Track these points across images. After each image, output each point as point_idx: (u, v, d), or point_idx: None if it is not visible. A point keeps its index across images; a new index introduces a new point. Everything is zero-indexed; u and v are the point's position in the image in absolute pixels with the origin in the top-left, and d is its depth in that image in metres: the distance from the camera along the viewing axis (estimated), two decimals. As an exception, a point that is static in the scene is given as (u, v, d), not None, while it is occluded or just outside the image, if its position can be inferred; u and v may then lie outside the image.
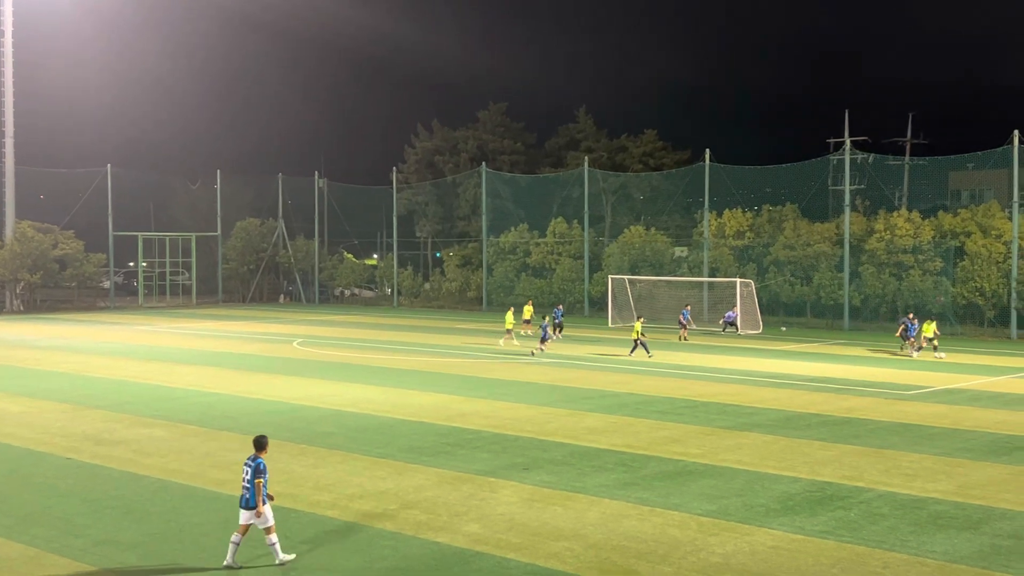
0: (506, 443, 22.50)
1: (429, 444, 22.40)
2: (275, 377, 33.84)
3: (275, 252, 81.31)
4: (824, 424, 25.11)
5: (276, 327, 55.45)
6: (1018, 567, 14.28)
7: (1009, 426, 24.92)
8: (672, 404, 28.19)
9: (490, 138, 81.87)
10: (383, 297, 78.81)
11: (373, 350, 42.75)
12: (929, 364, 38.22)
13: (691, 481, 19.08)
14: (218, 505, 17.37)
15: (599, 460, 20.80)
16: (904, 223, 53.73)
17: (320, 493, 18.12)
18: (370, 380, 32.99)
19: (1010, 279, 50.23)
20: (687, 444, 22.51)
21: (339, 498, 17.78)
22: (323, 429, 24.18)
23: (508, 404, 27.99)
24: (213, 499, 17.77)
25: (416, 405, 27.78)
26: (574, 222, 67.18)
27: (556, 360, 39.05)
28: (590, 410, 27.05)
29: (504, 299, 68.34)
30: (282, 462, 20.51)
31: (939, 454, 21.49)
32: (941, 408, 27.69)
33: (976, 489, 18.51)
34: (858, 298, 54.30)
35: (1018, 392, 31.05)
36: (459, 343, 46.00)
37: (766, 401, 28.77)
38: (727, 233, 59.72)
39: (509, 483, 18.77)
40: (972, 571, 14.12)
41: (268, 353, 41.68)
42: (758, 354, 41.80)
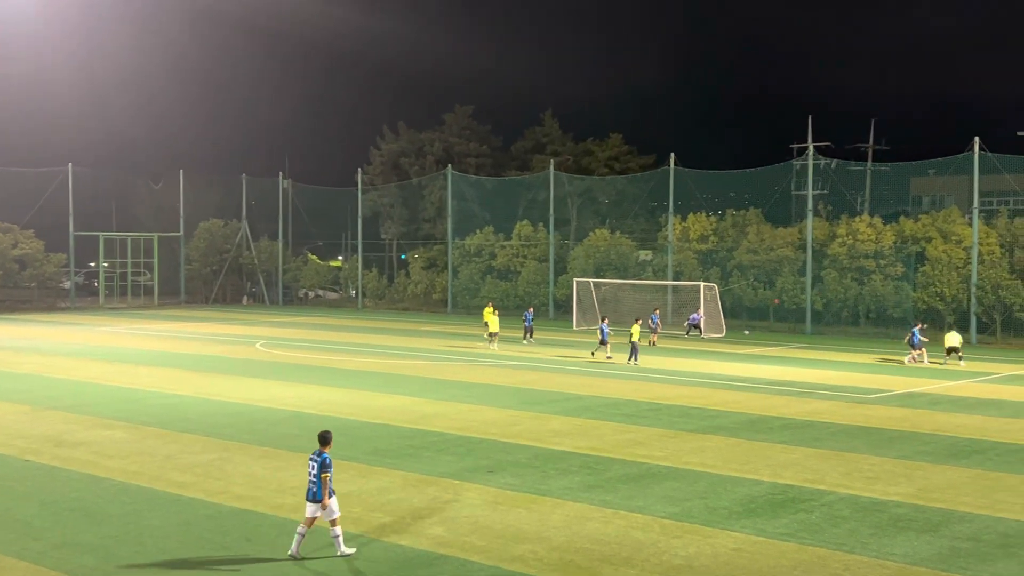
0: (471, 445, 22.47)
1: (393, 446, 22.33)
2: (238, 379, 33.61)
3: (238, 253, 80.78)
4: (786, 427, 25.29)
5: (239, 329, 55.08)
6: (977, 569, 14.46)
7: (968, 430, 25.20)
8: (636, 407, 28.27)
9: (456, 140, 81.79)
10: (347, 299, 78.51)
11: (337, 352, 42.58)
12: (890, 368, 38.59)
13: (654, 484, 19.14)
14: (179, 508, 17.22)
15: (563, 463, 20.83)
16: (866, 228, 54.23)
17: (283, 496, 18.02)
18: (334, 382, 32.85)
19: (970, 284, 50.81)
20: (651, 447, 22.58)
21: (302, 501, 17.59)
22: (286, 431, 24.04)
23: (473, 406, 27.96)
24: (174, 502, 17.62)
25: (380, 407, 27.69)
26: (539, 225, 67.25)
27: (521, 362, 39.06)
28: (555, 413, 27.07)
29: (469, 301, 68.36)
30: (244, 464, 20.38)
31: (899, 457, 21.70)
32: (901, 412, 27.96)
33: (936, 492, 18.71)
34: (820, 302, 54.74)
35: (977, 396, 31.43)
36: (424, 345, 45.90)
37: (729, 404, 28.92)
38: (691, 237, 60.02)
39: (473, 486, 18.76)
40: (932, 573, 14.27)
41: (231, 355, 41.39)
42: (721, 357, 42.02)
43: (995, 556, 15.05)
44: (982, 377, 36.41)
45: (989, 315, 50.90)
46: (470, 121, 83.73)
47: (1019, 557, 15.01)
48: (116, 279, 76.99)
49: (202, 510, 17.12)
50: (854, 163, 65.20)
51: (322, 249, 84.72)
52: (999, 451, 22.55)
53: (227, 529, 16.03)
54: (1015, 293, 49.71)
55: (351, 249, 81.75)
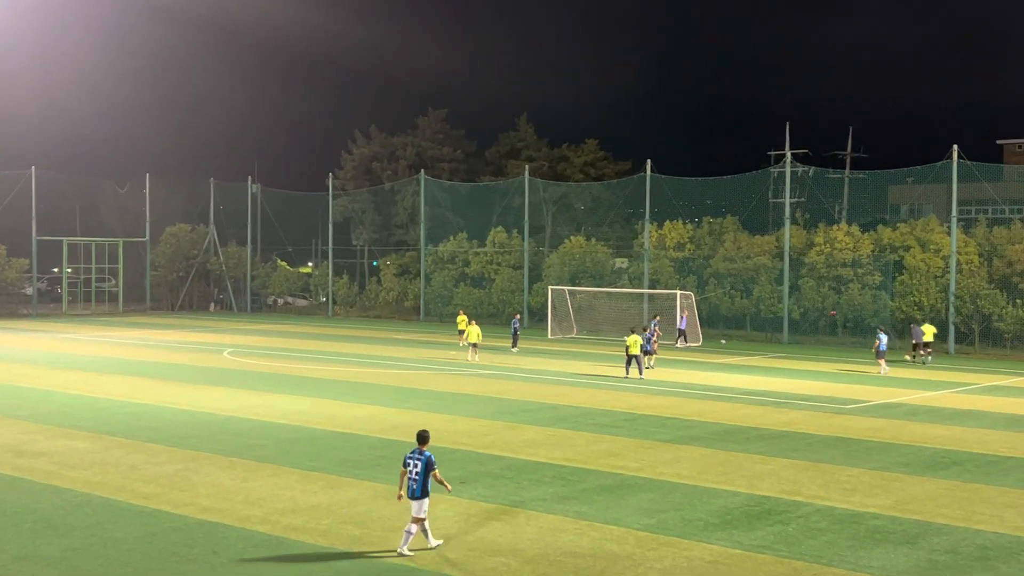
0: (443, 456, 22.37)
1: (363, 457, 22.26)
2: (204, 388, 33.42)
3: (206, 259, 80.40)
4: (762, 438, 25.38)
5: (206, 336, 54.78)
6: (954, 581, 14.55)
7: (946, 441, 25.38)
8: (611, 417, 28.31)
9: (429, 145, 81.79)
10: (317, 306, 78.26)
11: (306, 360, 42.41)
12: (868, 379, 38.81)
13: (630, 495, 19.16)
14: (144, 519, 17.08)
15: (537, 473, 20.83)
16: (844, 236, 54.58)
17: (250, 507, 17.92)
18: (303, 391, 32.72)
19: (948, 294, 51.21)
20: (626, 457, 22.62)
21: (270, 512, 17.59)
22: (253, 441, 23.92)
23: (445, 416, 27.91)
24: (139, 513, 17.48)
25: (350, 417, 27.61)
26: (514, 232, 67.30)
27: (495, 372, 39.04)
28: (528, 423, 27.07)
29: (442, 309, 68.29)
30: (211, 475, 20.26)
31: (877, 468, 21.82)
32: (879, 422, 28.13)
33: (913, 504, 18.83)
34: (797, 311, 55.02)
35: (955, 407, 31.66)
36: (395, 354, 45.79)
37: (705, 414, 29.01)
38: (668, 245, 60.22)
39: (446, 497, 18.70)
40: (909, 585, 14.35)
41: (197, 363, 41.16)
42: (697, 367, 42.15)
43: (973, 568, 15.16)
44: (960, 388, 36.69)
45: (967, 325, 51.32)
46: (444, 125, 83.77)
47: (997, 570, 15.12)
48: (80, 285, 76.42)
49: (167, 522, 16.99)
50: (832, 171, 65.70)
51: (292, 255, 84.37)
52: (977, 463, 22.71)
53: (193, 541, 15.92)
54: (993, 303, 50.11)
55: (321, 255, 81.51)
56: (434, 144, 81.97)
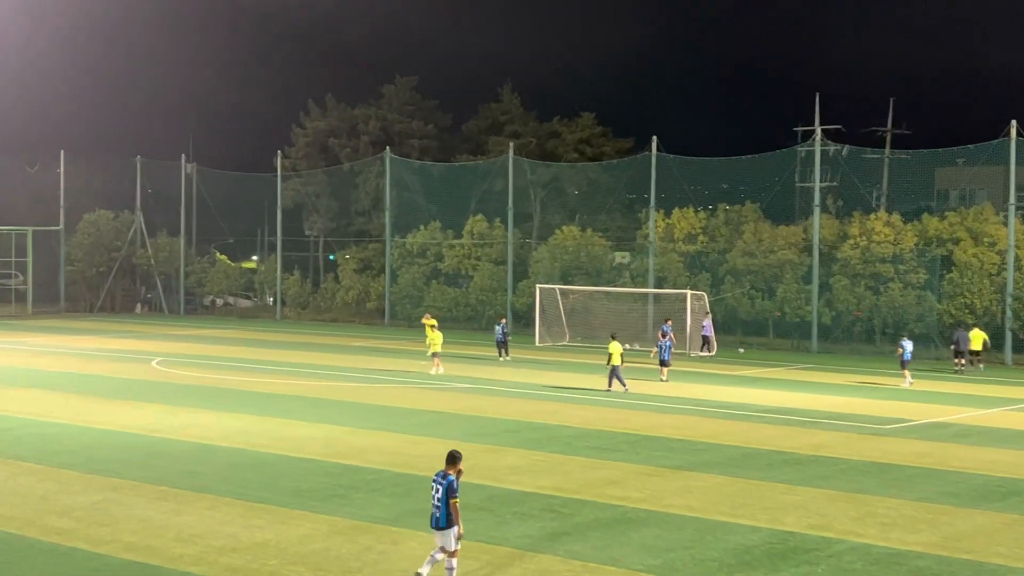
0: (411, 485, 22.42)
1: (318, 486, 22.23)
2: (129, 404, 33.31)
3: (131, 251, 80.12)
4: (787, 463, 25.46)
5: (131, 343, 54.59)
6: (1010, 632, 14.63)
7: (1002, 467, 25.50)
8: (610, 439, 28.34)
9: (396, 118, 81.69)
10: (264, 308, 78.10)
11: (250, 372, 42.31)
12: (910, 394, 38.96)
13: (632, 531, 19.19)
14: (58, 559, 17.02)
15: (523, 505, 20.84)
16: (883, 227, 54.79)
17: (183, 545, 17.86)
18: (247, 408, 32.64)
19: (1005, 295, 51.45)
20: (627, 487, 22.65)
21: (206, 551, 17.55)
22: (188, 467, 23.85)
23: (414, 438, 27.89)
24: (51, 552, 17.41)
25: (303, 438, 27.55)
26: (496, 221, 67.30)
27: (473, 385, 39.04)
28: (513, 445, 27.08)
29: (411, 311, 68.22)
30: (137, 507, 20.20)
31: (920, 499, 21.91)
32: (923, 445, 28.24)
33: (963, 541, 18.90)
34: (828, 315, 55.19)
35: (1013, 427, 31.82)
36: (356, 364, 45.74)
37: (720, 436, 29.07)
38: (676, 236, 60.35)
39: (414, 533, 18.71)
40: (958, 637, 14.42)
41: (121, 374, 41.02)
42: (711, 380, 42.26)
43: (1033, 617, 15.24)
44: (1018, 405, 36.88)
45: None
46: (413, 95, 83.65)
47: (1061, 618, 15.20)
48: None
49: (86, 562, 16.92)
50: (869, 150, 65.84)
51: (233, 247, 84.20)
52: (1038, 492, 22.86)
53: (115, 586, 15.87)
54: (1058, 306, 50.38)
55: (268, 248, 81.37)
56: (402, 117, 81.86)
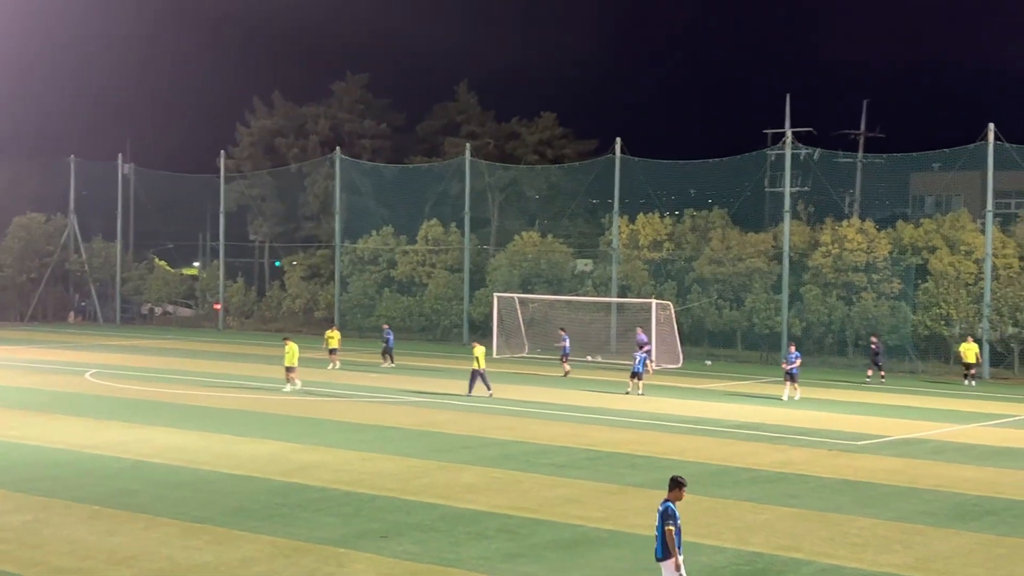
0: (360, 504, 22.36)
1: (261, 505, 22.11)
2: (62, 418, 33.04)
3: (64, 257, 79.55)
4: (755, 481, 25.56)
5: (64, 354, 54.16)
6: (986, 657, 14.75)
7: (978, 485, 25.70)
8: (570, 455, 28.36)
9: (347, 117, 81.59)
10: (205, 316, 77.69)
11: (191, 384, 42.06)
12: (884, 409, 39.26)
13: (592, 551, 19.21)
14: (-18, 584, 16.85)
15: (478, 525, 20.82)
16: (856, 235, 55.19)
17: (116, 568, 17.72)
18: (186, 423, 32.45)
19: (982, 305, 51.88)
20: (588, 505, 22.67)
21: (141, 574, 17.42)
22: (122, 485, 23.67)
23: (364, 454, 27.82)
24: (-25, 576, 17.24)
25: (246, 455, 27.42)
26: (452, 226, 67.33)
27: (425, 400, 38.99)
28: (468, 462, 27.05)
29: (362, 321, 68.12)
30: (68, 528, 20.02)
31: (894, 519, 22.05)
32: (897, 462, 28.43)
33: (938, 562, 19.04)
34: (799, 326, 55.52)
35: (990, 443, 32.10)
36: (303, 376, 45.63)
37: (685, 452, 29.16)
38: (641, 243, 60.55)
39: (363, 555, 18.65)
40: (931, 662, 14.53)
41: (53, 387, 40.69)
42: (676, 393, 42.40)
43: (1009, 641, 15.38)
44: (996, 420, 37.23)
45: (1005, 343, 52.08)
46: (365, 93, 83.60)
47: (1038, 642, 15.34)
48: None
49: (11, 587, 16.78)
50: (842, 154, 66.28)
51: (173, 253, 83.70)
52: (1016, 512, 23.03)
53: (44, 611, 15.73)
54: (1038, 316, 50.84)
55: (211, 253, 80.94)
56: (353, 116, 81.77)
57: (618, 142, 60.84)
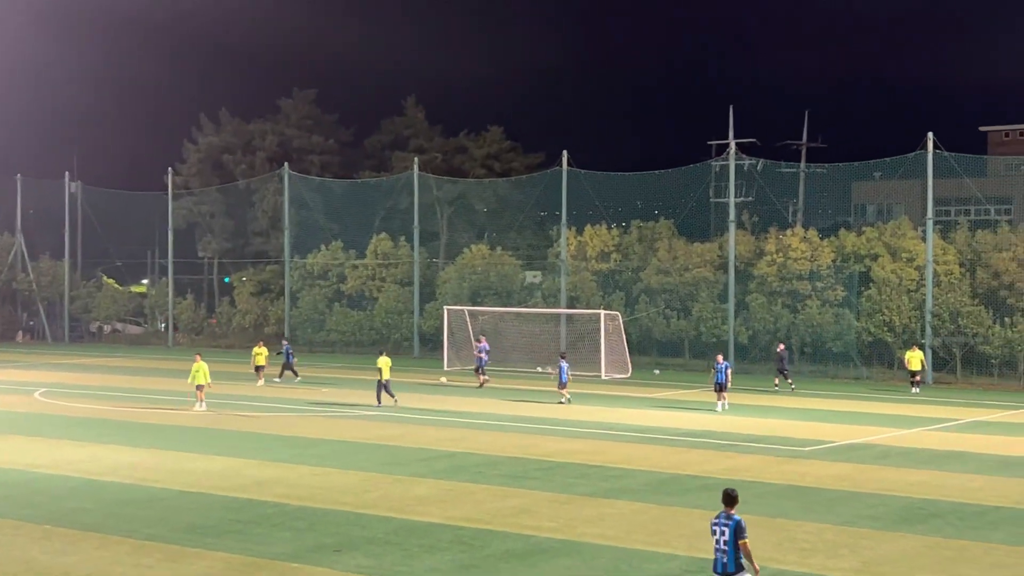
0: (314, 519, 22.27)
1: (214, 522, 21.97)
2: (10, 438, 32.67)
3: (11, 276, 78.77)
4: (704, 488, 25.64)
5: (12, 373, 53.55)
6: (933, 657, 14.90)
7: (923, 488, 25.93)
8: (522, 466, 28.38)
9: (295, 133, 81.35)
10: (155, 334, 77.08)
11: (141, 402, 41.73)
12: (831, 416, 39.54)
13: (544, 562, 19.23)
14: (-68, 606, 16.62)
15: (431, 537, 20.79)
16: (799, 243, 55.58)
17: (70, 587, 17.57)
18: (137, 441, 32.18)
19: (924, 311, 52.35)
20: (539, 516, 22.69)
21: (95, 593, 17.28)
22: (74, 504, 23.45)
23: (317, 469, 27.71)
24: (-74, 598, 17.01)
25: (198, 472, 27.23)
26: (401, 239, 67.22)
27: (379, 413, 38.90)
28: (421, 475, 27.00)
29: (313, 336, 67.88)
30: (19, 548, 19.82)
31: (841, 523, 22.21)
32: (843, 468, 28.63)
33: (885, 566, 19.20)
34: (745, 334, 55.81)
35: (933, 447, 32.41)
36: (254, 392, 45.36)
37: (635, 461, 29.24)
38: (589, 255, 60.69)
39: (317, 569, 18.58)
40: (880, 664, 14.64)
41: (1, 406, 40.23)
42: (626, 403, 42.51)
43: (955, 641, 15.53)
44: (939, 424, 37.59)
45: (947, 348, 52.55)
46: (312, 109, 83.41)
47: (983, 642, 15.50)
48: None
49: (-37, 608, 16.58)
50: (785, 164, 66.60)
51: (121, 270, 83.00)
52: (961, 514, 23.24)
53: (-4, 632, 15.56)
54: (977, 322, 51.25)
55: (159, 270, 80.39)
56: (301, 132, 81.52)
57: (565, 155, 61.00)
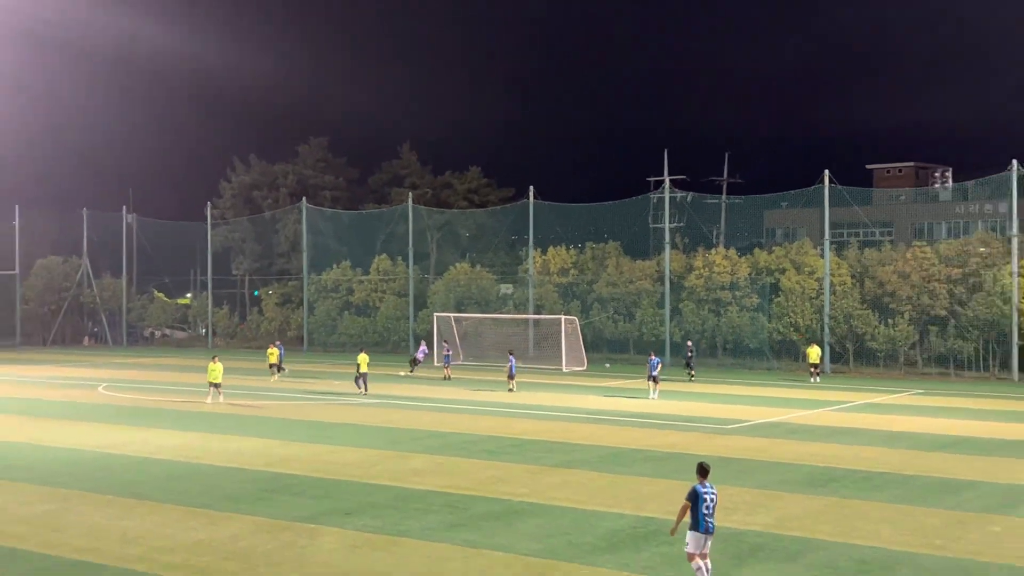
0: (328, 488, 22.12)
1: (246, 491, 21.80)
2: (78, 424, 32.36)
3: (79, 292, 78.14)
4: (648, 460, 25.66)
5: (80, 371, 53.12)
6: (834, 595, 14.88)
7: (824, 458, 26.01)
8: (498, 443, 28.30)
9: (311, 173, 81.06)
10: (197, 338, 76.63)
11: (186, 394, 41.43)
12: (748, 399, 39.63)
13: (518, 521, 19.15)
14: (14, 562, 16.40)
15: (424, 502, 20.68)
16: (722, 260, 55.73)
17: (128, 546, 17.36)
18: (183, 425, 31.94)
19: (823, 315, 52.64)
20: (513, 483, 22.61)
21: (148, 551, 17.07)
22: (131, 478, 23.23)
23: (331, 447, 27.56)
24: (8, 556, 16.77)
25: (233, 451, 27.04)
26: (398, 259, 67.02)
27: (382, 400, 38.74)
28: (416, 451, 26.89)
29: (326, 338, 67.55)
30: (85, 514, 19.60)
31: (758, 487, 22.23)
32: (760, 442, 28.70)
33: (794, 521, 19.21)
34: (679, 334, 55.89)
35: (832, 424, 32.52)
36: (279, 384, 45.12)
37: (591, 438, 29.21)
38: (552, 270, 60.67)
39: (331, 529, 18.44)
40: (791, 601, 14.62)
41: (71, 398, 39.87)
42: (583, 391, 42.49)
43: (852, 582, 15.53)
44: (836, 406, 37.71)
45: (842, 344, 52.82)
46: (325, 153, 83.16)
47: (874, 582, 15.51)
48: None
49: (39, 563, 16.35)
50: (709, 196, 67.00)
51: (169, 286, 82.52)
52: (854, 479, 23.33)
53: (66, 584, 15.36)
54: (866, 323, 51.63)
55: (200, 286, 79.92)
56: (316, 172, 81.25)
57: (531, 190, 61.04)
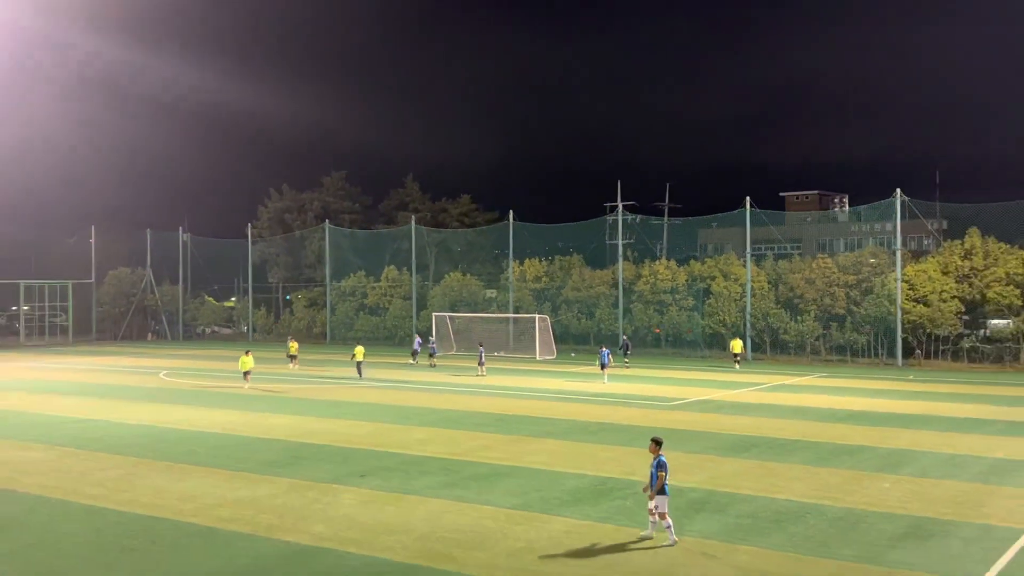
0: (347, 455, 22.08)
1: (280, 458, 21.73)
2: (143, 404, 32.20)
3: (144, 297, 77.64)
4: (606, 430, 25.72)
5: (144, 361, 52.83)
6: (755, 540, 14.99)
7: (747, 428, 26.14)
8: (485, 418, 28.31)
9: (332, 200, 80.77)
10: (240, 334, 76.23)
11: (231, 379, 41.27)
12: (686, 382, 39.75)
13: (500, 481, 19.16)
14: (92, 517, 16.31)
15: (425, 466, 20.66)
16: (664, 270, 55.90)
17: (184, 503, 17.29)
18: (229, 405, 31.81)
19: (745, 313, 52.89)
20: (497, 450, 22.62)
21: (201, 507, 17.01)
22: (187, 448, 23.13)
23: (349, 422, 27.50)
24: (87, 512, 16.67)
25: (269, 426, 26.95)
26: (404, 269, 66.92)
27: (390, 384, 38.68)
28: (419, 424, 26.87)
29: (345, 334, 67.32)
30: (150, 478, 19.50)
31: (695, 452, 22.32)
32: (696, 416, 28.81)
33: (724, 479, 19.30)
34: (630, 329, 56.01)
35: (752, 401, 32.67)
36: (308, 372, 45.00)
37: (560, 413, 29.25)
38: (528, 278, 60.70)
39: (349, 488, 18.41)
40: (720, 545, 14.71)
41: (137, 384, 39.66)
42: (554, 376, 42.54)
43: (769, 529, 15.63)
44: (757, 387, 37.88)
45: (761, 337, 53.04)
46: (344, 183, 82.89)
47: (788, 530, 15.63)
48: (35, 320, 72.90)
49: (113, 518, 16.26)
50: (654, 218, 67.42)
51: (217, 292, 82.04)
52: (771, 445, 23.44)
53: (135, 533, 15.27)
54: (780, 320, 51.99)
55: (243, 291, 79.52)
56: (336, 199, 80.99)
57: (511, 213, 61.06)
